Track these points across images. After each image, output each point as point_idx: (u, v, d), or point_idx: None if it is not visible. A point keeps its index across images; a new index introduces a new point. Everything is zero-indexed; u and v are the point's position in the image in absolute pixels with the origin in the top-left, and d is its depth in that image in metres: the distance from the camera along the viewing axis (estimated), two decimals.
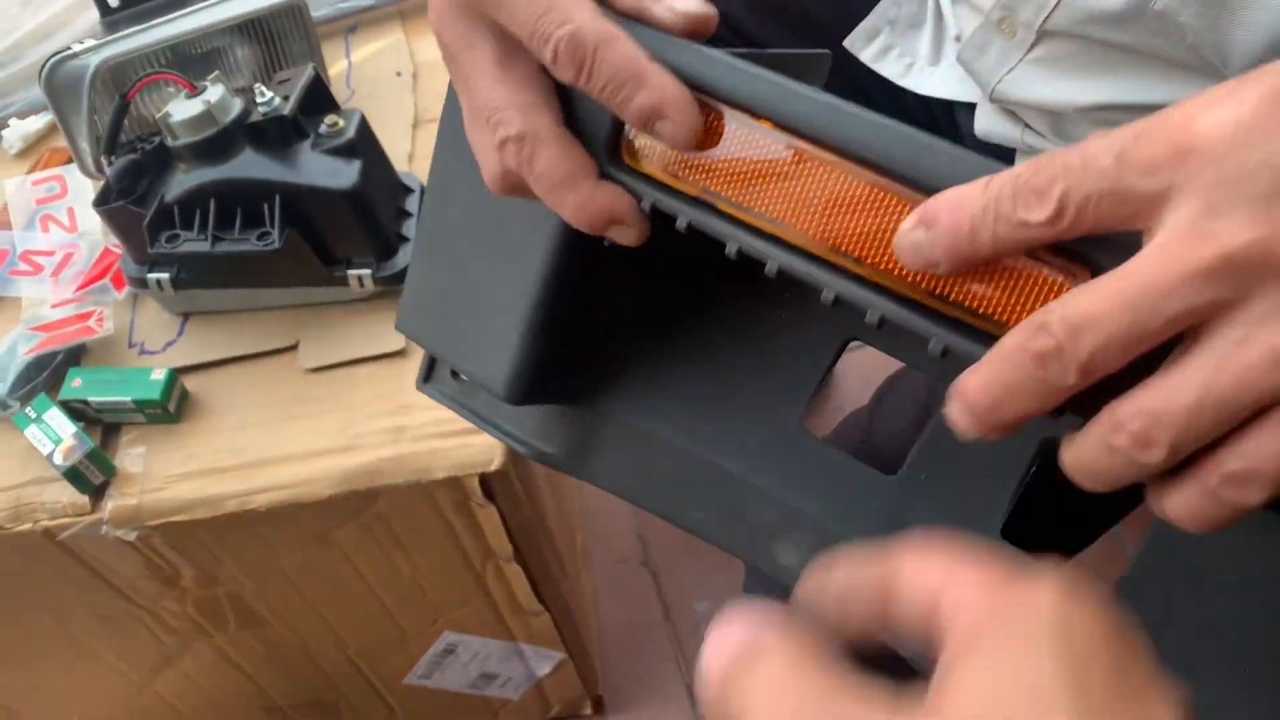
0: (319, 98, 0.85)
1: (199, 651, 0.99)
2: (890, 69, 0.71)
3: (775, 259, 0.36)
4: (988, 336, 0.32)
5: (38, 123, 1.07)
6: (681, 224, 0.38)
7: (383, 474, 0.79)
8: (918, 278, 0.33)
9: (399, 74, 1.05)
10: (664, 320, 0.50)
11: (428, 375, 0.54)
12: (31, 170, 1.03)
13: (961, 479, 0.43)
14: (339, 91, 1.03)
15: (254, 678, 1.05)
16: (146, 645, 0.97)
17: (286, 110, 0.80)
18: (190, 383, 0.85)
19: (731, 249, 0.37)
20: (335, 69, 1.06)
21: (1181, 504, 0.30)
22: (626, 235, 0.40)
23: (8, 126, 1.06)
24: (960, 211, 0.31)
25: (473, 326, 0.48)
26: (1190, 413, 0.28)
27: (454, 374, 0.53)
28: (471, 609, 0.99)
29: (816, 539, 0.41)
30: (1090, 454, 0.30)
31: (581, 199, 0.39)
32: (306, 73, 0.84)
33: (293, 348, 0.85)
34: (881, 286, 0.34)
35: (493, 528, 0.86)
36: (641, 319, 0.50)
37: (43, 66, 0.85)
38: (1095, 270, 0.30)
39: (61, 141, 1.05)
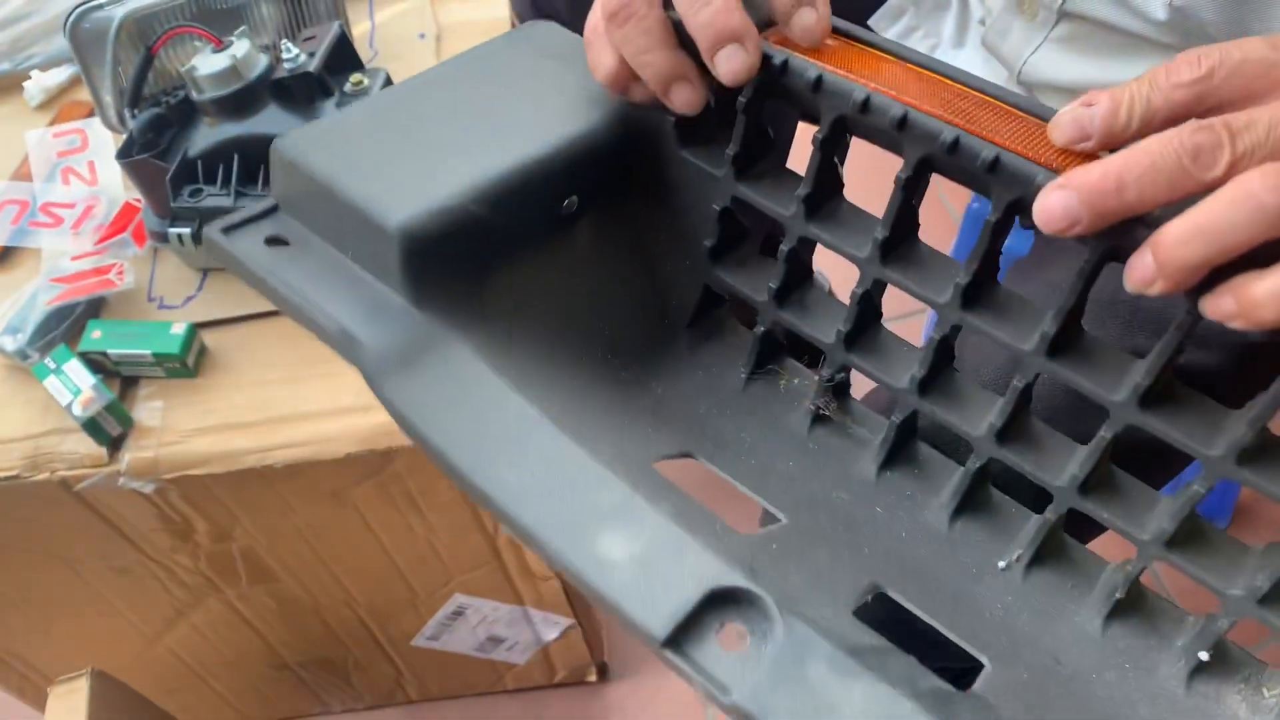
0: (344, 56, 0.85)
1: (210, 606, 1.00)
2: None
3: (896, 109, 0.41)
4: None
5: (60, 75, 1.06)
6: (812, 75, 0.43)
7: (400, 434, 0.79)
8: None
9: (422, 36, 1.04)
10: (568, 309, 0.49)
11: (230, 229, 0.46)
12: (53, 123, 1.03)
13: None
14: (362, 52, 1.02)
15: (264, 634, 1.06)
16: (158, 598, 0.98)
17: (312, 67, 0.80)
18: (209, 338, 0.85)
19: (859, 96, 0.42)
20: (359, 29, 1.06)
21: None
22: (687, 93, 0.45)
23: (29, 78, 1.06)
24: (1121, 92, 0.36)
25: (395, 171, 0.45)
26: None
27: (275, 242, 0.46)
28: (483, 572, 0.99)
29: (655, 535, 0.37)
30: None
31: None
32: (332, 30, 0.84)
33: None
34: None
35: None
36: (554, 290, 0.49)
37: (67, 17, 0.85)
38: None
39: (83, 94, 1.05)
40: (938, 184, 1.81)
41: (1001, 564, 0.46)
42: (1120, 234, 0.36)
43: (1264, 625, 0.40)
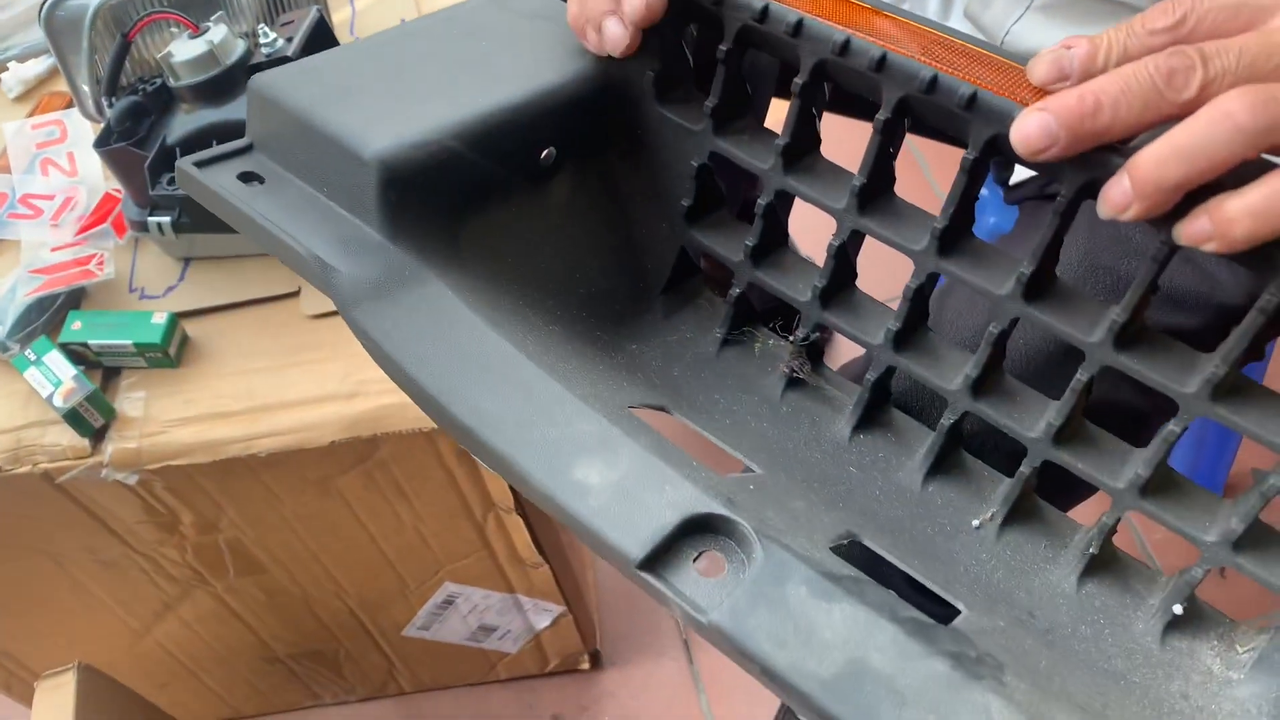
0: (323, 41, 0.84)
1: (198, 599, 1.00)
2: None
3: (875, 51, 0.41)
4: None
5: (38, 66, 1.05)
6: (792, 19, 0.43)
7: (385, 421, 0.79)
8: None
9: (403, 22, 1.04)
10: (544, 263, 0.49)
11: (202, 164, 0.46)
12: (31, 114, 1.02)
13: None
14: (343, 38, 1.01)
15: (253, 627, 1.05)
16: (146, 592, 0.97)
17: (290, 52, 0.79)
18: (191, 328, 0.84)
19: (839, 39, 0.41)
20: (339, 15, 1.05)
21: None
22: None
23: (7, 70, 1.05)
24: (1099, 38, 0.37)
25: (375, 106, 0.46)
26: None
27: (249, 179, 0.46)
28: (472, 560, 0.99)
29: (633, 463, 0.36)
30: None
31: None
32: (310, 15, 0.83)
33: (295, 294, 0.85)
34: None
35: (494, 477, 0.86)
36: (532, 240, 0.49)
37: (42, 6, 0.84)
38: None
39: (61, 85, 1.04)
40: (914, 148, 1.78)
41: (975, 522, 0.46)
42: (1096, 165, 0.36)
43: (1240, 573, 0.40)
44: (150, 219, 0.83)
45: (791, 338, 0.49)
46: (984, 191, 0.97)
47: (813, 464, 0.48)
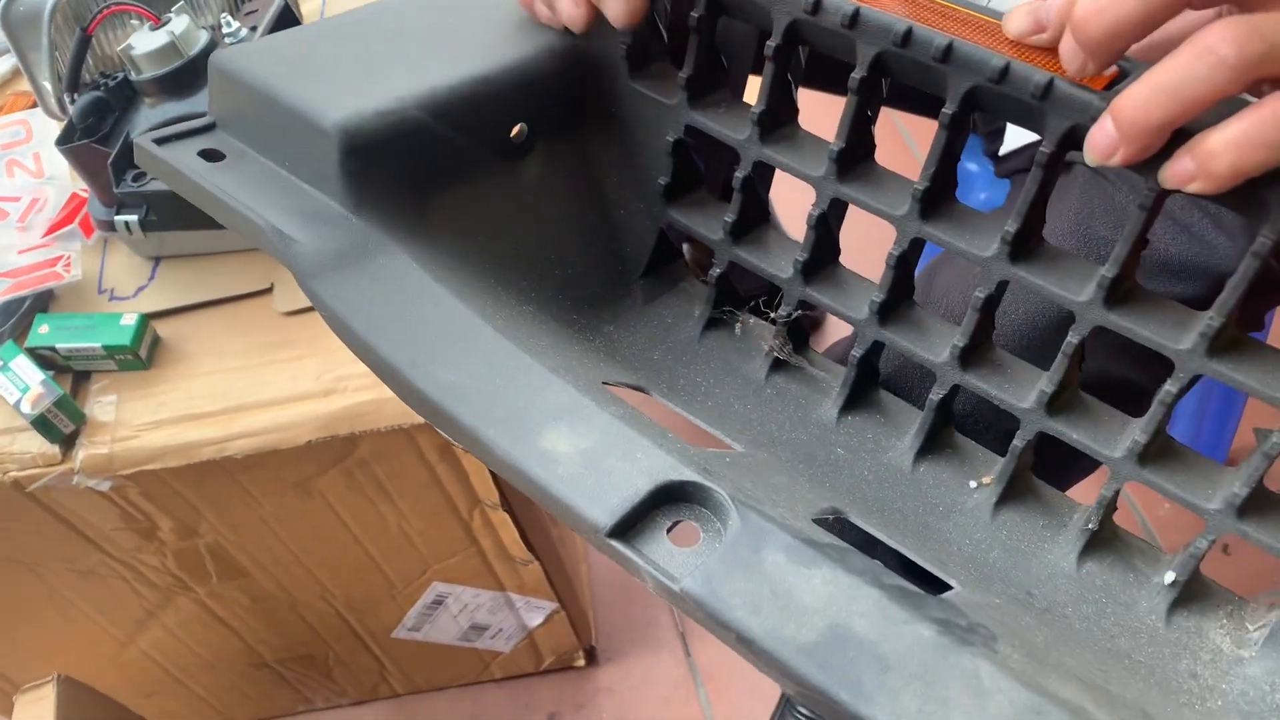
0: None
1: (181, 606, 0.97)
2: None
3: (848, 7, 0.39)
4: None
5: (1, 66, 1.03)
6: None
7: (364, 418, 0.77)
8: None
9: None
10: (517, 243, 0.48)
11: (163, 140, 0.45)
12: None
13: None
14: None
15: (239, 632, 1.03)
16: (127, 600, 0.95)
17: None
18: (162, 328, 0.82)
19: (848, 8, 0.39)
20: (309, 6, 1.02)
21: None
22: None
23: None
24: None
25: (338, 78, 0.44)
26: None
27: (210, 156, 0.45)
28: (460, 558, 0.97)
29: (603, 432, 0.35)
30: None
31: None
32: (275, 3, 0.81)
33: (268, 290, 0.82)
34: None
35: (478, 472, 0.84)
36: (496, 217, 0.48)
37: None
38: None
39: (26, 85, 1.01)
40: (897, 121, 1.76)
41: (973, 484, 0.44)
42: (1076, 110, 0.35)
43: (1245, 539, 0.38)
44: (117, 218, 0.80)
45: (774, 316, 0.48)
46: (973, 166, 0.95)
47: (798, 445, 0.46)
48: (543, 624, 1.10)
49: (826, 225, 0.45)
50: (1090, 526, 0.42)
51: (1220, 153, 0.32)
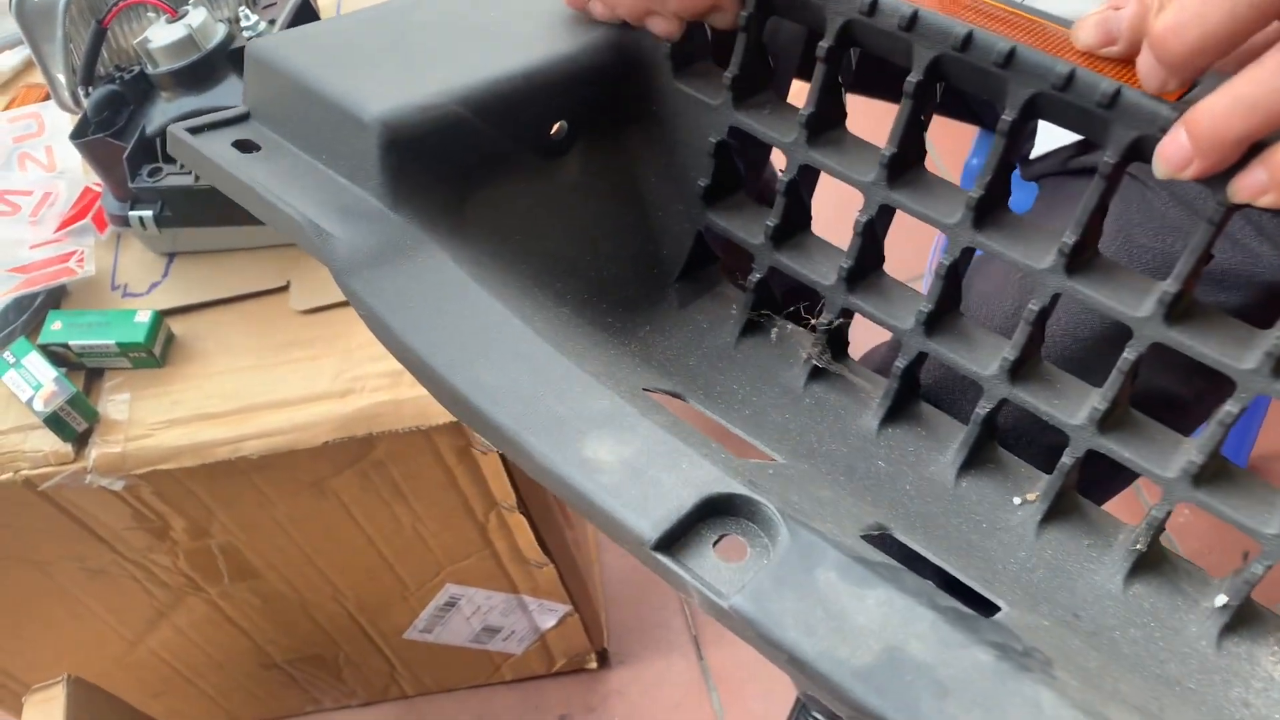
0: (307, 23, 0.80)
1: (192, 606, 0.96)
2: None
3: (906, 8, 0.38)
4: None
5: (13, 58, 1.02)
6: None
7: (380, 419, 0.76)
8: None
9: None
10: (554, 242, 0.47)
11: (196, 130, 0.44)
12: (8, 107, 0.98)
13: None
14: None
15: (250, 633, 1.02)
16: (137, 600, 0.94)
17: None
18: (176, 326, 0.81)
19: (906, 10, 0.38)
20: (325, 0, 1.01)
21: None
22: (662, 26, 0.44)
23: None
24: None
25: (378, 70, 0.43)
26: None
27: (245, 147, 0.44)
28: (474, 560, 0.95)
29: (648, 440, 0.34)
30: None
31: None
32: None
33: (284, 288, 0.81)
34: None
35: (495, 475, 0.83)
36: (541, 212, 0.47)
37: None
38: None
39: (39, 77, 1.00)
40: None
41: (1017, 500, 0.43)
42: (1145, 121, 0.34)
43: None
44: (131, 213, 0.79)
45: (814, 323, 0.46)
46: None
47: (838, 457, 0.45)
48: (555, 626, 1.08)
49: (873, 232, 0.43)
50: (1138, 547, 0.41)
51: None
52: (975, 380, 0.42)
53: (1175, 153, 0.32)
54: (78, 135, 0.77)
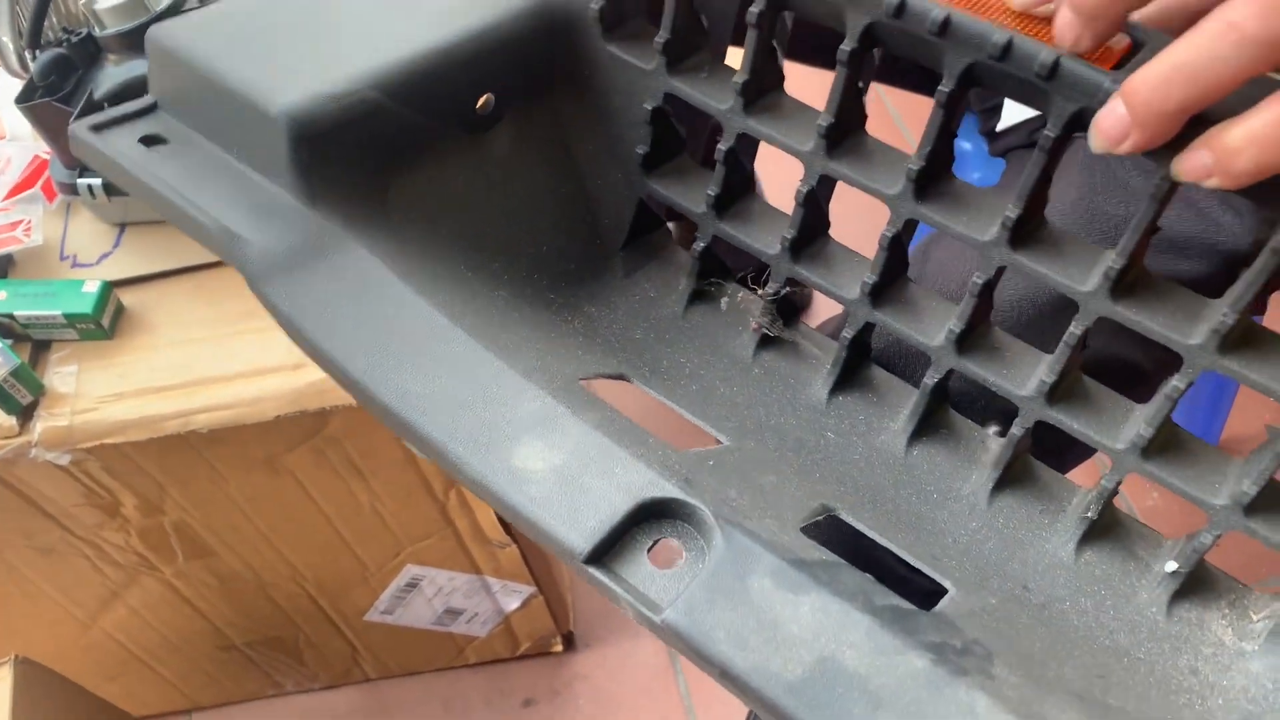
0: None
1: (146, 586, 0.94)
2: None
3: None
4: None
5: None
6: None
7: (334, 393, 0.74)
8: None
9: None
10: (487, 222, 0.45)
11: (100, 126, 0.42)
12: None
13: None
14: None
15: (207, 614, 1.00)
16: (89, 579, 0.92)
17: None
18: (127, 297, 0.79)
19: None
20: None
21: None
22: None
23: None
24: None
25: (286, 56, 0.41)
26: None
27: (148, 141, 0.42)
28: (434, 540, 0.94)
29: (579, 444, 0.33)
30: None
31: None
32: None
33: None
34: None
35: None
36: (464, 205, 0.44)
37: None
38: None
39: None
40: (885, 99, 1.74)
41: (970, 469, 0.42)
42: (1085, 92, 0.32)
43: (1251, 538, 0.36)
44: (80, 181, 0.77)
45: (761, 292, 0.45)
46: (967, 145, 0.93)
47: (786, 431, 0.43)
48: (519, 609, 1.07)
49: (815, 201, 0.42)
50: (1089, 515, 0.40)
51: (1241, 149, 0.29)
52: (924, 351, 0.41)
53: (1112, 125, 0.31)
54: (24, 99, 0.75)
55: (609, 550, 0.31)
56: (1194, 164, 0.30)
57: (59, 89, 0.76)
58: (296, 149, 0.39)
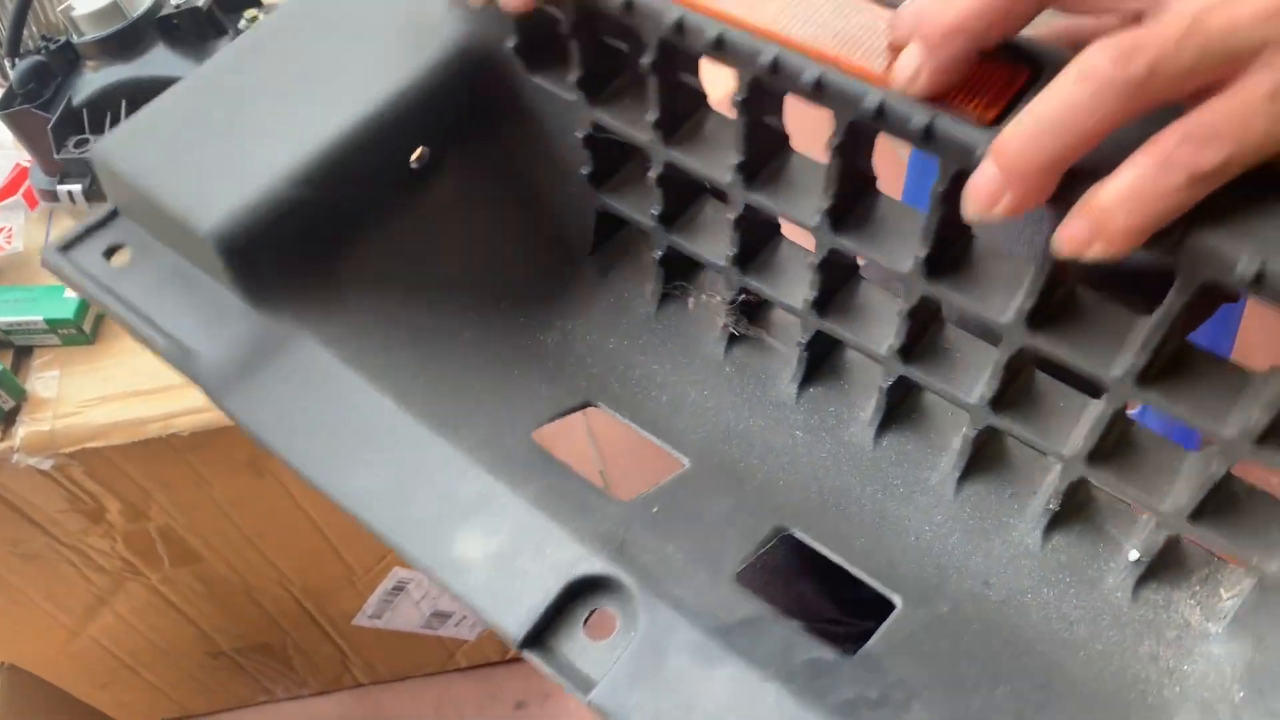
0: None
1: (133, 592, 0.94)
2: None
3: (712, 30, 0.35)
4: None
5: None
6: (672, 17, 0.36)
7: None
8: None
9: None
10: (444, 265, 0.45)
11: (67, 245, 0.43)
12: None
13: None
14: None
15: (194, 619, 1.00)
16: (75, 585, 0.92)
17: (201, 2, 0.74)
18: None
19: (671, 18, 0.35)
20: None
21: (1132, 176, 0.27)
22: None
23: None
24: None
25: (210, 164, 0.41)
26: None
27: (109, 254, 0.43)
28: None
29: (514, 526, 0.34)
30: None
31: None
32: None
33: None
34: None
35: None
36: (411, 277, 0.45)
37: None
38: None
39: None
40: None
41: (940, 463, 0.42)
42: (960, 151, 0.31)
43: (1198, 542, 0.37)
44: (60, 187, 0.78)
45: (720, 298, 0.45)
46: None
47: (754, 435, 0.43)
48: None
49: (747, 223, 0.42)
50: (1051, 507, 0.39)
51: (1113, 209, 0.27)
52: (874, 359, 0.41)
53: (985, 185, 0.28)
54: (3, 107, 0.75)
55: (545, 629, 0.33)
56: (1072, 233, 0.28)
57: (38, 96, 0.77)
58: (229, 262, 0.39)
